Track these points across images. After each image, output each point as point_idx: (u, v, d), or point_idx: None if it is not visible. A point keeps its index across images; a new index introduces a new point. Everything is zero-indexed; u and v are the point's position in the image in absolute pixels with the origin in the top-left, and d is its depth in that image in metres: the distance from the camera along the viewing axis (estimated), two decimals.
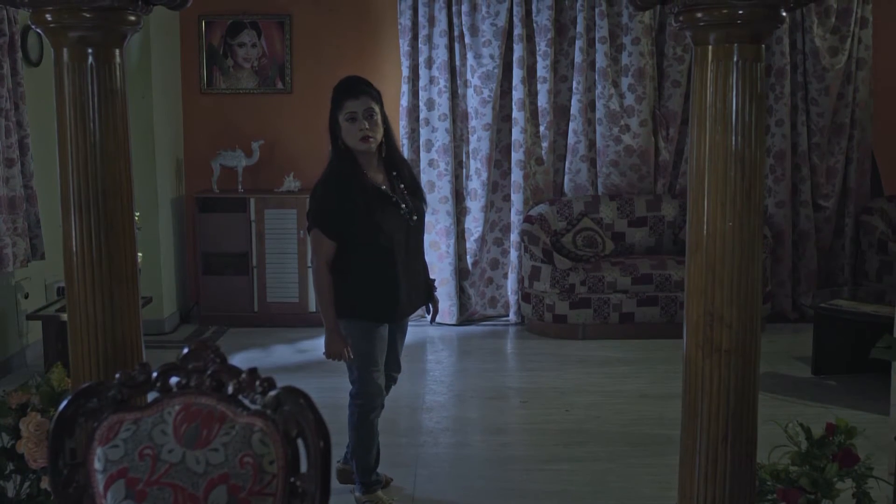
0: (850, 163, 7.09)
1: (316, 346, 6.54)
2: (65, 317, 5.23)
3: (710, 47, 2.44)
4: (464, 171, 7.10)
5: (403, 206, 3.64)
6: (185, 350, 1.72)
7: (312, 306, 7.01)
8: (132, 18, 2.49)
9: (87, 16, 2.41)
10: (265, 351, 6.42)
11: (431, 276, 4.00)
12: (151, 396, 1.79)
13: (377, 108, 3.57)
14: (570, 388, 5.59)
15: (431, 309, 3.93)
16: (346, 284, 3.62)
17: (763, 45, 2.46)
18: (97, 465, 1.67)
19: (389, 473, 4.10)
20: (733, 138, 2.44)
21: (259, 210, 6.94)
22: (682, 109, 7.07)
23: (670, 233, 7.07)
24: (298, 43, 7.16)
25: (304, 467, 1.65)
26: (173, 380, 1.70)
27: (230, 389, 1.67)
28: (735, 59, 2.41)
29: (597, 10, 6.86)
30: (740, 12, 2.37)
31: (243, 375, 1.66)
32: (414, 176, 3.81)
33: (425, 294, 3.87)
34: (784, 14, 2.41)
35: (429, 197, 7.02)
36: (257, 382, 1.65)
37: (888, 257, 6.75)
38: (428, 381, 5.87)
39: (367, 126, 3.52)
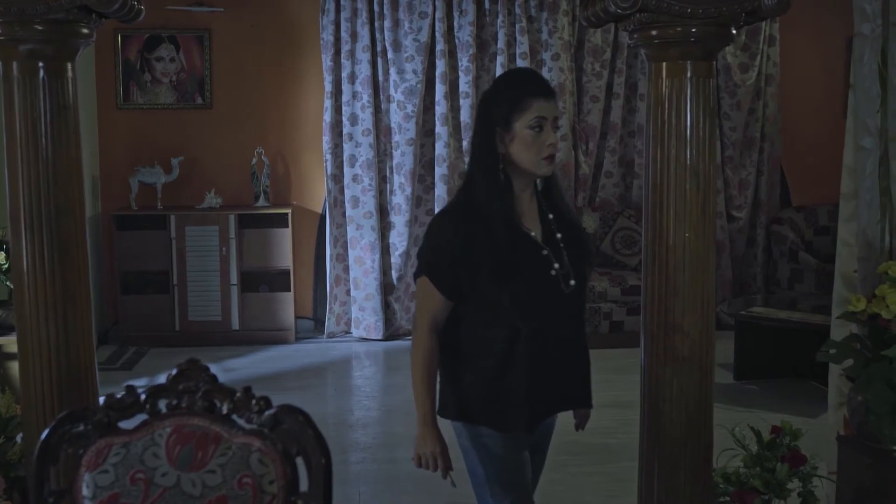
0: (760, 175, 7.36)
1: (243, 364, 6.44)
2: None
3: (664, 64, 2.52)
4: (388, 186, 7.10)
5: (557, 265, 2.49)
6: (174, 371, 1.68)
7: (235, 324, 6.90)
8: (85, 31, 2.43)
9: (39, 28, 2.35)
10: None
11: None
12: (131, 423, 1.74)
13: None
14: None
15: (581, 414, 2.76)
16: (457, 366, 2.52)
17: (714, 62, 2.56)
18: (85, 492, 1.61)
19: None
20: (688, 152, 2.52)
21: (179, 227, 6.80)
22: (601, 124, 7.23)
23: (591, 245, 7.21)
24: (218, 58, 7.06)
25: (303, 486, 1.63)
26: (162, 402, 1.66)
27: (224, 409, 1.64)
28: (689, 75, 2.50)
29: (517, 27, 6.97)
30: (693, 30, 2.46)
31: (238, 395, 1.64)
32: (577, 221, 2.67)
33: (581, 395, 2.65)
34: (734, 32, 2.51)
35: (353, 212, 7.02)
36: (253, 401, 1.62)
37: (798, 266, 7.03)
38: (358, 397, 5.84)
39: (555, 141, 2.48)
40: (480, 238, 2.41)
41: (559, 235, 2.53)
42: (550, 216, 2.55)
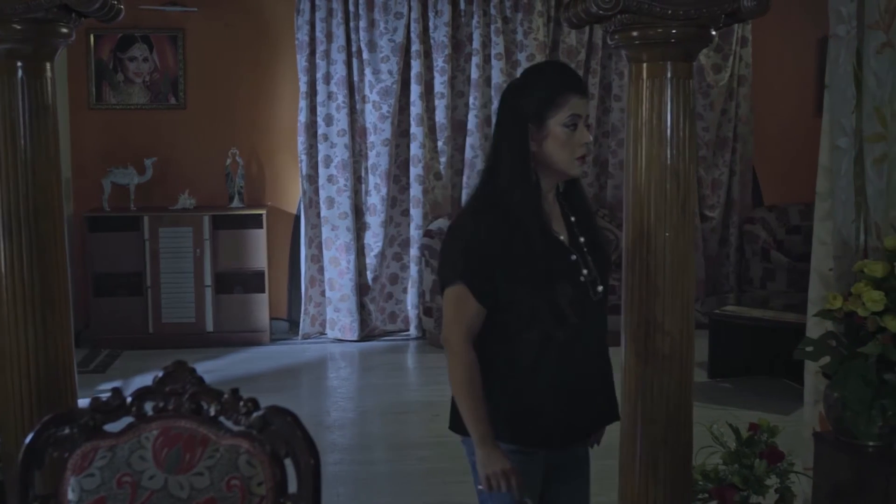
0: (733, 175, 7.43)
1: (218, 366, 6.40)
2: None
3: (644, 65, 2.54)
4: (363, 186, 7.09)
5: (585, 271, 2.35)
6: (161, 373, 1.67)
7: (210, 326, 6.85)
8: (64, 31, 2.41)
9: (18, 27, 2.32)
10: None
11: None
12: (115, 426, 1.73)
13: None
14: None
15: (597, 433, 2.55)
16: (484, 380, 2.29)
17: (693, 63, 2.58)
18: (71, 496, 1.60)
19: None
20: (668, 152, 2.54)
21: (153, 229, 6.75)
22: None
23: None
24: (192, 58, 7.01)
25: (291, 487, 1.63)
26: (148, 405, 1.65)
27: (211, 411, 1.63)
28: (669, 75, 2.52)
29: (492, 27, 6.98)
30: (674, 31, 2.48)
31: (225, 396, 1.63)
32: (597, 224, 2.51)
33: (607, 411, 2.48)
34: (714, 33, 2.53)
35: (328, 213, 7.00)
36: (241, 403, 1.62)
37: (770, 265, 7.10)
38: (334, 398, 5.83)
39: (589, 140, 2.32)
40: (515, 241, 2.24)
41: (582, 240, 2.38)
42: (573, 219, 2.39)
